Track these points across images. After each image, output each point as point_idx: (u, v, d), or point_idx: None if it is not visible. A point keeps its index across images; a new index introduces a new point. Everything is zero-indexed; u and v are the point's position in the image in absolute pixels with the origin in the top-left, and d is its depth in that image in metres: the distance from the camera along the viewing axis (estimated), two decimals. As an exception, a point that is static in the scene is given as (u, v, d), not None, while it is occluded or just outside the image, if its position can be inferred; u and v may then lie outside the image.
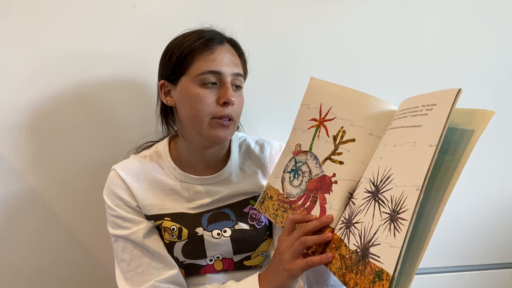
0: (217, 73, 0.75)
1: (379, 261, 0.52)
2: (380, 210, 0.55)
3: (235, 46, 0.81)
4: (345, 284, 0.57)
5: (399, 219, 0.51)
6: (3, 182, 0.96)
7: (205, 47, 0.75)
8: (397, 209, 0.52)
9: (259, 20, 1.01)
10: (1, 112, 0.94)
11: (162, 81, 0.81)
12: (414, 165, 0.52)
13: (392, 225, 0.52)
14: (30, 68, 0.94)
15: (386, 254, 0.51)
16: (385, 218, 0.54)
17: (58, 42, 0.94)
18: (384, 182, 0.57)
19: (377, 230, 0.54)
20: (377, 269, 0.52)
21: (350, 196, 0.64)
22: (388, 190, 0.55)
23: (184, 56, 0.76)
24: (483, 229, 1.14)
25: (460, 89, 0.50)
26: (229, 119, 0.76)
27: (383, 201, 0.55)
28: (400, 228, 0.51)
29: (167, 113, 0.86)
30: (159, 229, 0.82)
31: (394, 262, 0.50)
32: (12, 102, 0.94)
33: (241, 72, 0.79)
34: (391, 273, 0.50)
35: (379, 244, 0.53)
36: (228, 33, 0.82)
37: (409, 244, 0.51)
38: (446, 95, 0.52)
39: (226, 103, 0.75)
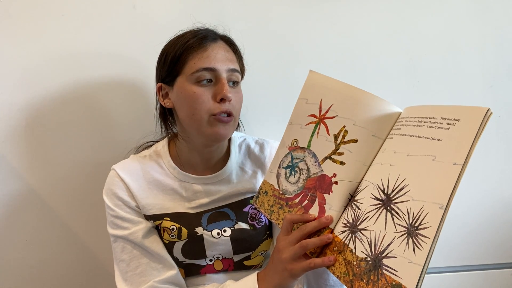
0: (212, 70, 0.75)
1: (396, 275, 0.52)
2: (394, 221, 0.55)
3: (229, 42, 0.81)
4: None
5: (419, 235, 0.51)
6: (3, 182, 0.95)
7: (199, 45, 0.75)
8: (416, 224, 0.52)
9: (259, 21, 1.01)
10: (1, 112, 0.94)
11: (159, 84, 0.81)
12: (435, 181, 0.51)
13: (411, 240, 0.51)
14: (30, 68, 0.93)
15: (405, 269, 0.51)
16: (401, 231, 0.53)
17: (58, 42, 0.94)
18: (398, 192, 0.56)
19: (391, 242, 0.54)
20: (393, 283, 0.52)
21: (350, 197, 0.63)
22: (404, 202, 0.54)
23: (178, 56, 0.76)
24: (482, 228, 1.14)
25: (489, 109, 0.49)
26: (229, 115, 0.76)
27: (397, 213, 0.55)
28: (421, 245, 0.50)
29: (166, 115, 0.85)
30: (158, 229, 0.82)
31: (415, 279, 0.49)
32: (12, 102, 0.94)
33: (237, 67, 0.79)
34: None
35: (395, 257, 0.53)
36: (221, 30, 0.82)
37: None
38: (472, 112, 0.50)
39: (223, 100, 0.75)
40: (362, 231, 0.58)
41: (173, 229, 0.80)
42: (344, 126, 0.65)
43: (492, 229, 1.14)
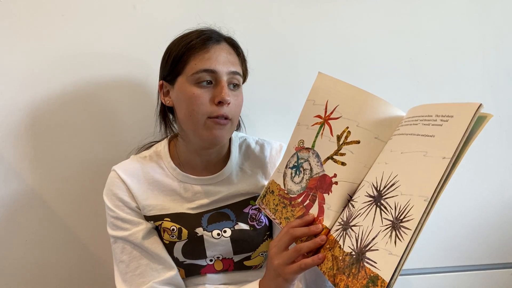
0: (212, 72, 0.75)
1: (375, 267, 0.52)
2: (381, 216, 0.55)
3: (233, 45, 0.81)
4: (334, 285, 0.56)
5: (402, 228, 0.51)
6: (3, 182, 0.95)
7: (201, 46, 0.75)
8: (401, 217, 0.52)
9: (260, 20, 1.01)
10: (1, 112, 0.93)
11: (161, 82, 0.81)
12: (423, 175, 0.51)
13: (394, 232, 0.52)
14: (30, 68, 0.93)
15: (384, 261, 0.51)
16: (386, 225, 0.53)
17: (58, 42, 0.94)
18: (388, 188, 0.56)
19: (376, 236, 0.54)
20: (372, 275, 0.52)
21: (350, 198, 0.63)
22: (393, 197, 0.54)
23: (181, 55, 0.76)
24: (483, 229, 1.14)
25: (481, 104, 0.49)
26: (226, 118, 0.76)
27: (385, 207, 0.55)
28: (402, 237, 0.50)
29: (166, 113, 0.86)
30: (158, 230, 0.82)
31: (391, 270, 0.49)
32: (12, 102, 0.94)
33: (239, 70, 0.79)
34: (387, 280, 0.49)
35: (377, 250, 0.53)
36: (225, 32, 0.82)
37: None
38: (465, 108, 0.50)
39: (221, 103, 0.74)
40: (352, 227, 0.59)
41: (173, 229, 0.80)
42: (347, 127, 0.65)
43: (492, 229, 1.14)
